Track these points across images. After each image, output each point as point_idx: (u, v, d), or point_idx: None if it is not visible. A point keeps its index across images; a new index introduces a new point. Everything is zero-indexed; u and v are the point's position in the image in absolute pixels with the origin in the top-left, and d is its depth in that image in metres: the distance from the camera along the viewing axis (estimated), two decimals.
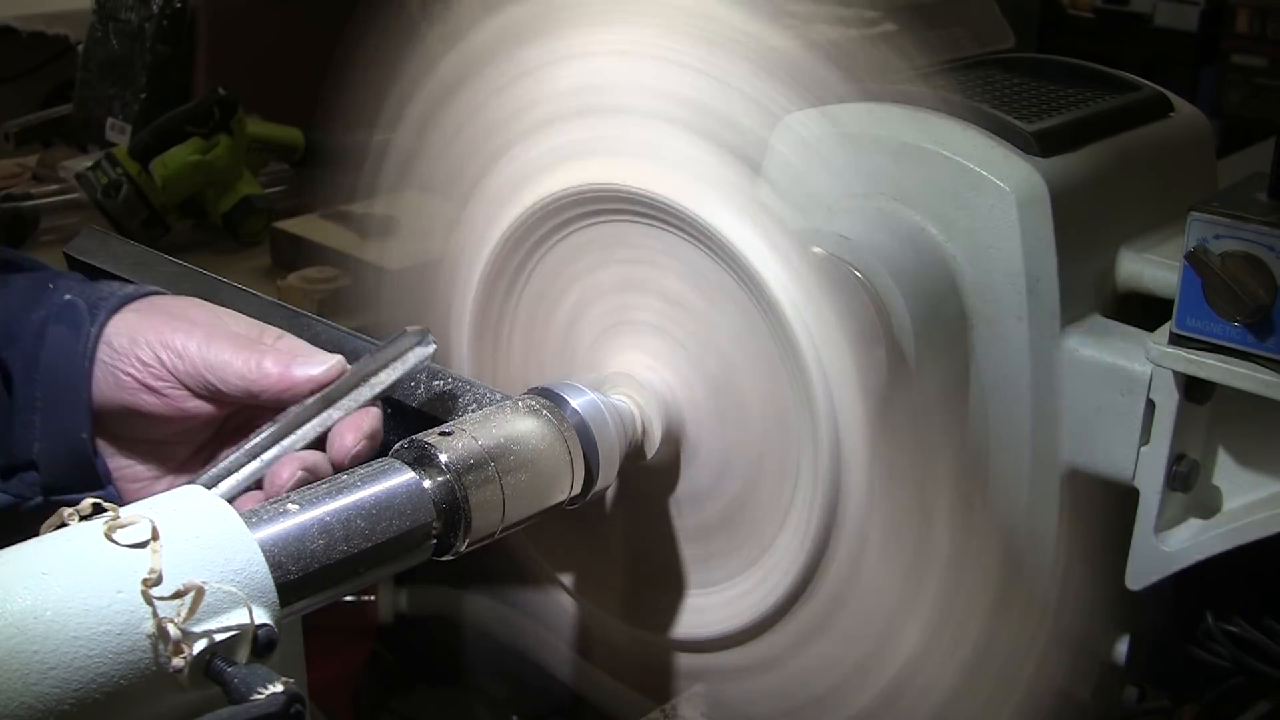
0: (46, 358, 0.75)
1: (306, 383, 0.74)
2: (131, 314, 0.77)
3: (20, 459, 0.76)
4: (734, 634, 0.81)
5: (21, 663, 0.50)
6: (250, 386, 0.74)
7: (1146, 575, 0.78)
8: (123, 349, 0.76)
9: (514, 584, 0.92)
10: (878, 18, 0.94)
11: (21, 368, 0.76)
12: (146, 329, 0.76)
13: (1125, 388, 0.76)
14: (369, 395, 0.74)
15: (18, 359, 0.76)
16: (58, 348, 0.75)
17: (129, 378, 0.75)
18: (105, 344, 0.76)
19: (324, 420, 0.73)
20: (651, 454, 0.80)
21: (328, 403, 0.74)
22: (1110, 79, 0.92)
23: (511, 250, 0.84)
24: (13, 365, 0.76)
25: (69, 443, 0.76)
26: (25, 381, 0.75)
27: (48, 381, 0.75)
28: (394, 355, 0.75)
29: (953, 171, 0.78)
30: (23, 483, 0.76)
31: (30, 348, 0.76)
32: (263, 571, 0.57)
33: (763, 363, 0.76)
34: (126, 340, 0.76)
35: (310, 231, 1.66)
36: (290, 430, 0.73)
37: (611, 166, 0.79)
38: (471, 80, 0.84)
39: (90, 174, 1.72)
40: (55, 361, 0.75)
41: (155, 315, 0.77)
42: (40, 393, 0.75)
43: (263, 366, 0.74)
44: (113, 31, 1.99)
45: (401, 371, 0.75)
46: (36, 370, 0.75)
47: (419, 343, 0.75)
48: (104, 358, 0.76)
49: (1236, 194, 0.74)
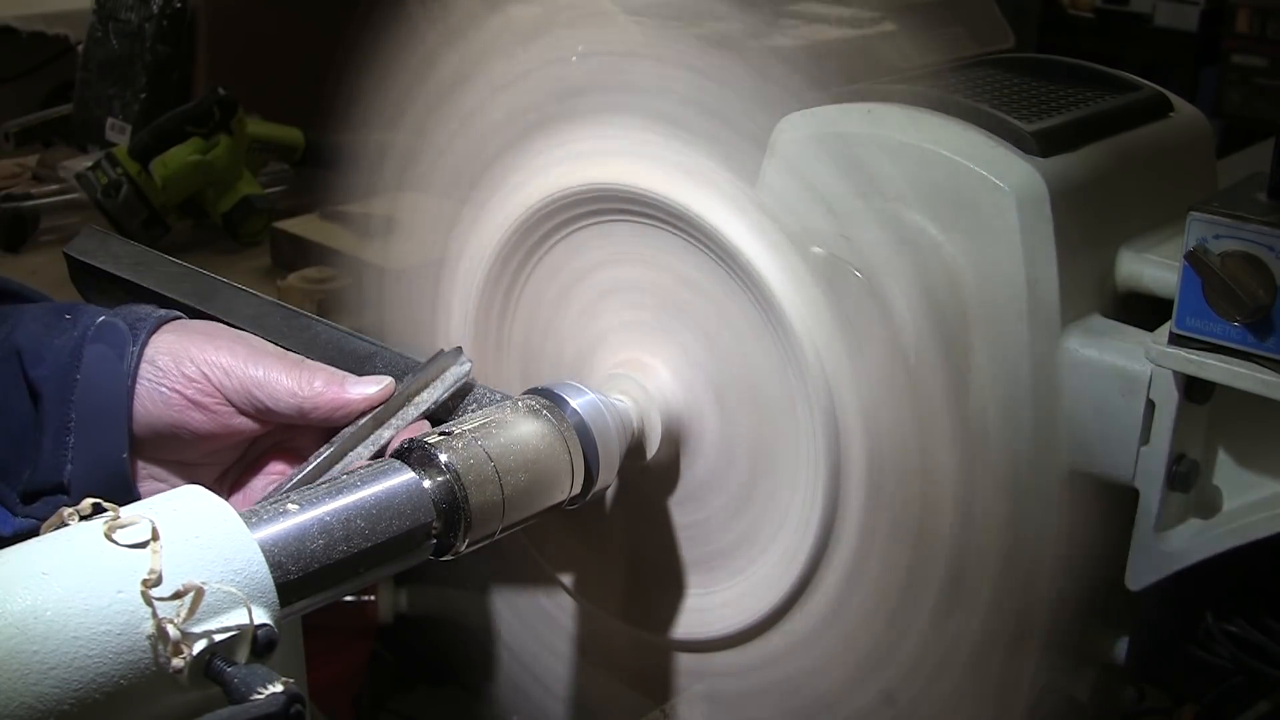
0: (85, 377, 0.74)
1: (361, 401, 0.75)
2: (170, 334, 0.77)
3: (47, 483, 0.74)
4: (734, 634, 0.81)
5: (21, 663, 0.50)
6: (302, 404, 0.75)
7: (1146, 575, 0.78)
8: (167, 367, 0.75)
9: (514, 584, 0.92)
10: (878, 18, 0.94)
11: (55, 389, 0.74)
12: (190, 347, 0.76)
13: (1125, 388, 0.76)
14: (415, 414, 0.76)
15: (49, 380, 0.74)
16: (98, 367, 0.74)
17: (176, 394, 0.75)
18: (148, 363, 0.75)
19: (376, 440, 0.74)
20: (651, 454, 0.80)
21: (378, 423, 0.75)
22: (1110, 79, 0.92)
23: (512, 250, 0.84)
24: (43, 386, 0.74)
25: (106, 463, 0.74)
26: (58, 403, 0.74)
27: (86, 401, 0.74)
28: (434, 374, 0.77)
29: (953, 171, 0.78)
30: (49, 506, 0.74)
31: (64, 369, 0.74)
32: (263, 571, 0.57)
33: (763, 363, 0.76)
34: (170, 359, 0.75)
35: (310, 231, 1.66)
36: (347, 451, 0.74)
37: (611, 166, 0.79)
38: (472, 80, 0.84)
39: (90, 174, 1.72)
40: (95, 381, 0.74)
41: (194, 335, 0.77)
42: (76, 414, 0.74)
43: (314, 385, 0.75)
44: (113, 31, 1.99)
45: (442, 390, 0.77)
46: (72, 391, 0.74)
47: (456, 361, 0.77)
48: (148, 376, 0.75)
49: (1236, 194, 0.74)
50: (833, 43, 1.15)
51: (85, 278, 0.92)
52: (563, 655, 0.91)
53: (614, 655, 0.89)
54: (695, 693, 0.85)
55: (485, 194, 0.85)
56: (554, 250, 0.84)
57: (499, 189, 0.84)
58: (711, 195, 0.74)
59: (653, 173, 0.76)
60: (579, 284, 0.83)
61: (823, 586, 0.76)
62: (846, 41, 1.16)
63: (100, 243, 0.93)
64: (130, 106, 1.96)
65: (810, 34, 1.19)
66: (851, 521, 0.74)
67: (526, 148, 0.82)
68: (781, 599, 0.77)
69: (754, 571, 0.79)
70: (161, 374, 0.75)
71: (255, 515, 0.61)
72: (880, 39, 0.89)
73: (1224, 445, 0.79)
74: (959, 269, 0.79)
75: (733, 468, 0.79)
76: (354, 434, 0.74)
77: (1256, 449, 0.78)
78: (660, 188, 0.76)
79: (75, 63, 2.07)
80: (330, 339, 0.81)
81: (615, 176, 0.78)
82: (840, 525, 0.74)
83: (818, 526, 0.74)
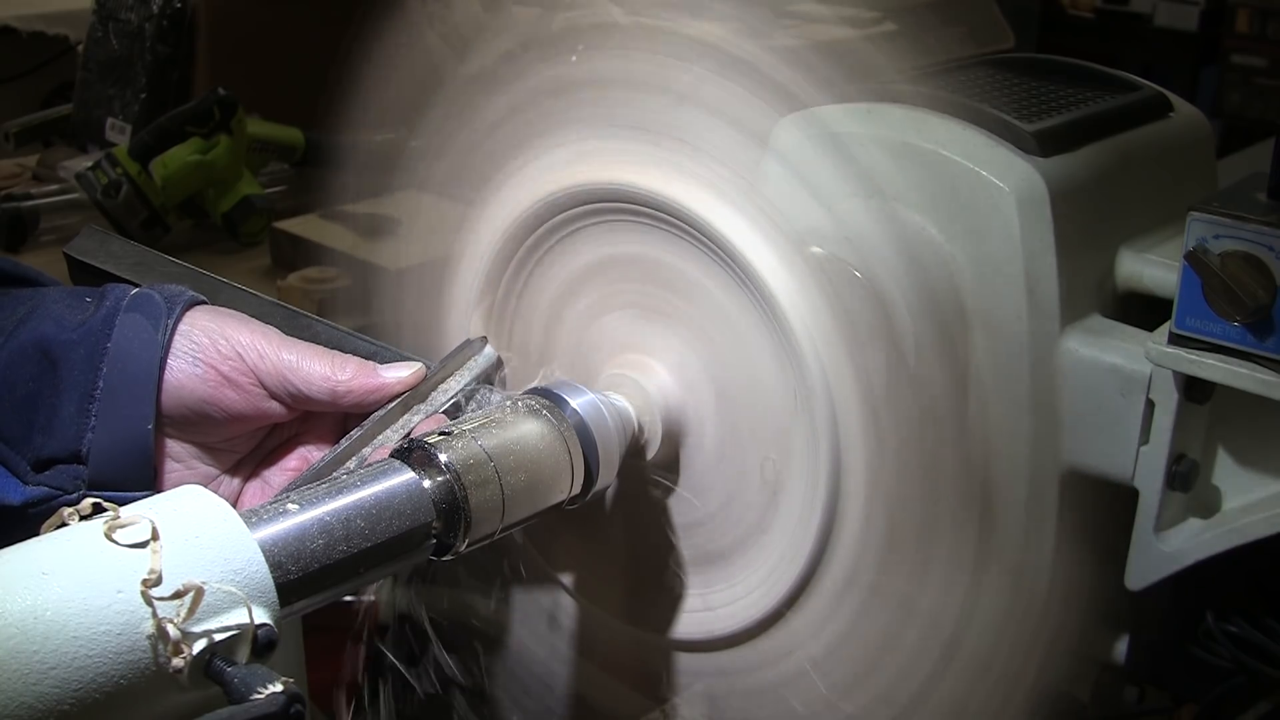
0: (117, 344, 0.73)
1: (395, 385, 0.76)
2: (205, 313, 0.77)
3: (63, 451, 0.73)
4: (734, 634, 0.81)
5: (21, 663, 0.50)
6: (336, 387, 0.75)
7: (1146, 575, 0.78)
8: (203, 343, 0.75)
9: (514, 584, 0.92)
10: (878, 18, 0.94)
11: (83, 354, 0.73)
12: (225, 327, 0.76)
13: (1125, 388, 0.76)
14: (443, 400, 0.77)
15: (75, 346, 0.73)
16: (131, 335, 0.74)
17: (212, 370, 0.75)
18: (185, 337, 0.75)
19: (405, 424, 0.76)
20: (651, 453, 0.80)
21: (406, 408, 0.76)
22: (1110, 79, 0.92)
23: (513, 251, 0.84)
24: (71, 352, 0.73)
25: (130, 434, 0.73)
26: (85, 370, 0.73)
27: (116, 369, 0.73)
28: (460, 362, 0.79)
29: (953, 171, 0.78)
30: (63, 475, 0.73)
31: (94, 336, 0.73)
32: (263, 571, 0.57)
33: (763, 362, 0.76)
34: (206, 336, 0.75)
35: (310, 231, 1.66)
36: (378, 433, 0.75)
37: (612, 167, 0.79)
38: (472, 80, 0.84)
39: (90, 174, 1.72)
40: (128, 349, 0.73)
41: (229, 317, 0.77)
42: (105, 381, 0.73)
43: (346, 369, 0.76)
44: (113, 31, 1.99)
45: (469, 376, 0.79)
46: (102, 358, 0.73)
47: (480, 349, 0.80)
48: (184, 350, 0.75)
49: (1236, 194, 0.74)
50: (833, 43, 1.15)
51: (85, 278, 0.92)
52: (563, 655, 0.91)
53: (614, 655, 0.89)
54: (695, 693, 0.85)
55: (486, 194, 0.85)
56: (555, 251, 0.84)
57: (500, 189, 0.84)
58: (711, 195, 0.74)
59: (653, 173, 0.76)
60: (579, 284, 0.83)
61: (823, 587, 0.76)
62: (846, 41, 1.16)
63: (100, 243, 0.93)
64: (130, 106, 1.96)
65: (810, 34, 1.19)
66: (852, 522, 0.74)
67: (527, 147, 0.82)
68: (781, 599, 0.77)
69: (754, 571, 0.79)
70: (198, 349, 0.75)
71: (255, 515, 0.61)
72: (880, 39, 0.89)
73: (1224, 445, 0.79)
74: (959, 269, 0.79)
75: (732, 467, 0.79)
76: (382, 418, 0.75)
77: (1256, 449, 0.78)
78: (660, 188, 0.76)
79: (75, 63, 2.07)
80: (331, 339, 0.81)
81: (616, 176, 0.78)
82: (840, 525, 0.74)
83: (818, 527, 0.74)
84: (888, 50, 0.85)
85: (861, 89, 0.84)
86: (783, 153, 0.79)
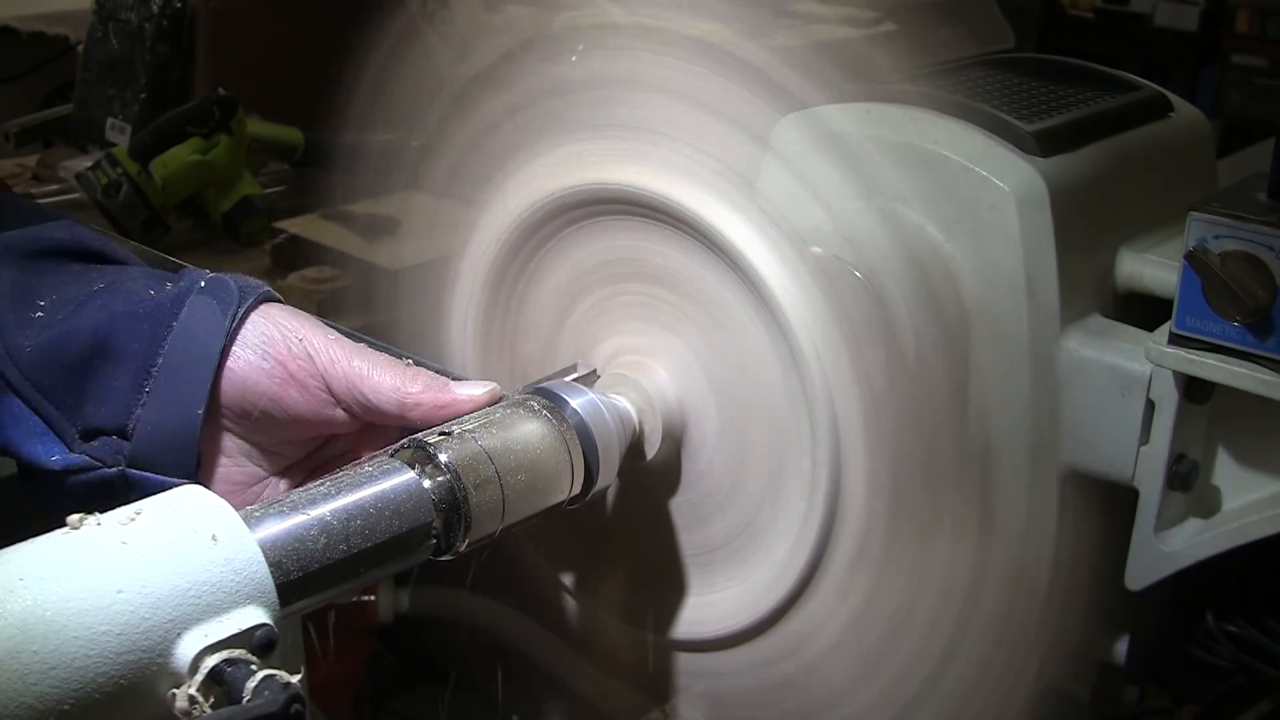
0: (183, 324, 0.72)
1: (467, 403, 0.73)
2: (281, 310, 0.75)
3: (110, 423, 0.71)
4: (734, 634, 0.81)
5: (21, 663, 0.50)
6: (405, 399, 0.72)
7: (1146, 575, 0.78)
8: (275, 338, 0.73)
9: (514, 584, 0.92)
10: (878, 18, 0.94)
11: (148, 331, 0.71)
12: (302, 327, 0.74)
13: (1125, 388, 0.76)
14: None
15: (142, 319, 0.72)
16: (199, 317, 0.72)
17: (281, 367, 0.73)
18: (257, 329, 0.73)
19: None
20: (652, 454, 0.80)
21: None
22: (1110, 79, 0.92)
23: (513, 251, 0.84)
24: (135, 325, 0.72)
25: (178, 416, 0.71)
26: (148, 344, 0.71)
27: (177, 349, 0.71)
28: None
29: (953, 171, 0.78)
30: (106, 447, 0.71)
31: (163, 313, 0.72)
32: (263, 571, 0.57)
33: (763, 362, 0.76)
34: (279, 332, 0.73)
35: (310, 231, 1.66)
36: None
37: (612, 166, 0.79)
38: (472, 80, 0.84)
39: (90, 174, 1.72)
40: (193, 330, 0.72)
41: (306, 318, 0.75)
42: (164, 359, 0.71)
43: (418, 382, 0.73)
44: (113, 31, 1.99)
45: None
46: (165, 336, 0.71)
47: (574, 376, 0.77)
48: (255, 343, 0.73)
49: (1236, 194, 0.74)
50: (833, 43, 1.15)
51: None
52: (563, 655, 0.91)
53: (614, 655, 0.89)
54: (695, 693, 0.85)
55: (486, 194, 0.85)
56: (555, 251, 0.84)
57: (500, 188, 0.84)
58: (712, 195, 0.74)
59: (653, 173, 0.76)
60: (579, 284, 0.83)
61: (823, 587, 0.76)
62: (846, 41, 1.16)
63: None
64: (130, 106, 1.96)
65: (810, 34, 1.19)
66: (852, 522, 0.74)
67: (527, 147, 0.82)
68: (782, 599, 0.77)
69: (755, 571, 0.79)
70: (269, 342, 0.73)
71: (255, 515, 0.61)
72: (880, 39, 0.89)
73: (1224, 445, 0.79)
74: (959, 269, 0.79)
75: (733, 468, 0.79)
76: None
77: (1256, 449, 0.78)
78: (660, 188, 0.76)
79: (75, 63, 2.07)
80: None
81: (616, 176, 0.78)
82: (841, 526, 0.74)
83: (819, 526, 0.74)
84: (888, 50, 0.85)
85: (861, 89, 0.84)
86: (783, 153, 0.79)
